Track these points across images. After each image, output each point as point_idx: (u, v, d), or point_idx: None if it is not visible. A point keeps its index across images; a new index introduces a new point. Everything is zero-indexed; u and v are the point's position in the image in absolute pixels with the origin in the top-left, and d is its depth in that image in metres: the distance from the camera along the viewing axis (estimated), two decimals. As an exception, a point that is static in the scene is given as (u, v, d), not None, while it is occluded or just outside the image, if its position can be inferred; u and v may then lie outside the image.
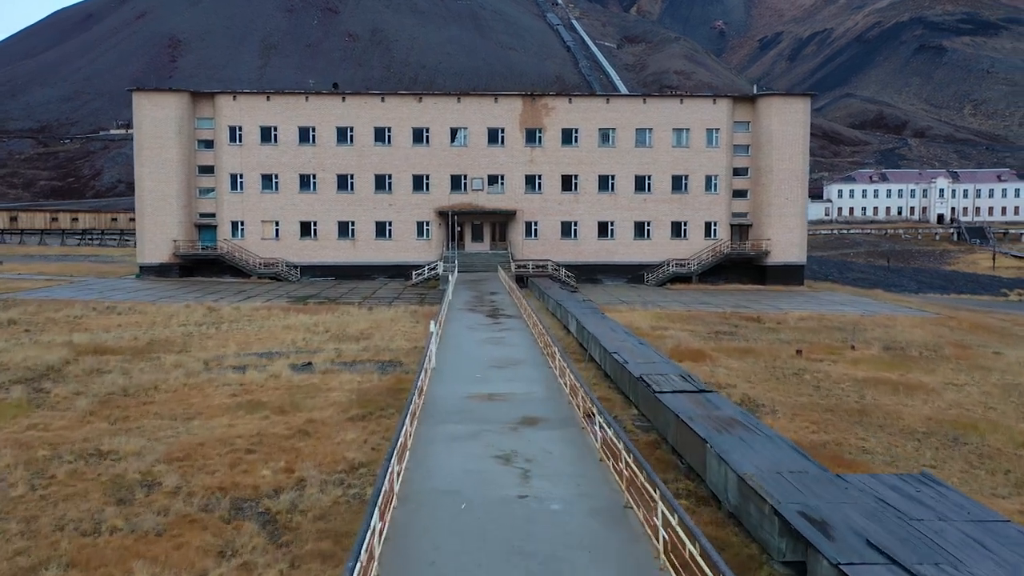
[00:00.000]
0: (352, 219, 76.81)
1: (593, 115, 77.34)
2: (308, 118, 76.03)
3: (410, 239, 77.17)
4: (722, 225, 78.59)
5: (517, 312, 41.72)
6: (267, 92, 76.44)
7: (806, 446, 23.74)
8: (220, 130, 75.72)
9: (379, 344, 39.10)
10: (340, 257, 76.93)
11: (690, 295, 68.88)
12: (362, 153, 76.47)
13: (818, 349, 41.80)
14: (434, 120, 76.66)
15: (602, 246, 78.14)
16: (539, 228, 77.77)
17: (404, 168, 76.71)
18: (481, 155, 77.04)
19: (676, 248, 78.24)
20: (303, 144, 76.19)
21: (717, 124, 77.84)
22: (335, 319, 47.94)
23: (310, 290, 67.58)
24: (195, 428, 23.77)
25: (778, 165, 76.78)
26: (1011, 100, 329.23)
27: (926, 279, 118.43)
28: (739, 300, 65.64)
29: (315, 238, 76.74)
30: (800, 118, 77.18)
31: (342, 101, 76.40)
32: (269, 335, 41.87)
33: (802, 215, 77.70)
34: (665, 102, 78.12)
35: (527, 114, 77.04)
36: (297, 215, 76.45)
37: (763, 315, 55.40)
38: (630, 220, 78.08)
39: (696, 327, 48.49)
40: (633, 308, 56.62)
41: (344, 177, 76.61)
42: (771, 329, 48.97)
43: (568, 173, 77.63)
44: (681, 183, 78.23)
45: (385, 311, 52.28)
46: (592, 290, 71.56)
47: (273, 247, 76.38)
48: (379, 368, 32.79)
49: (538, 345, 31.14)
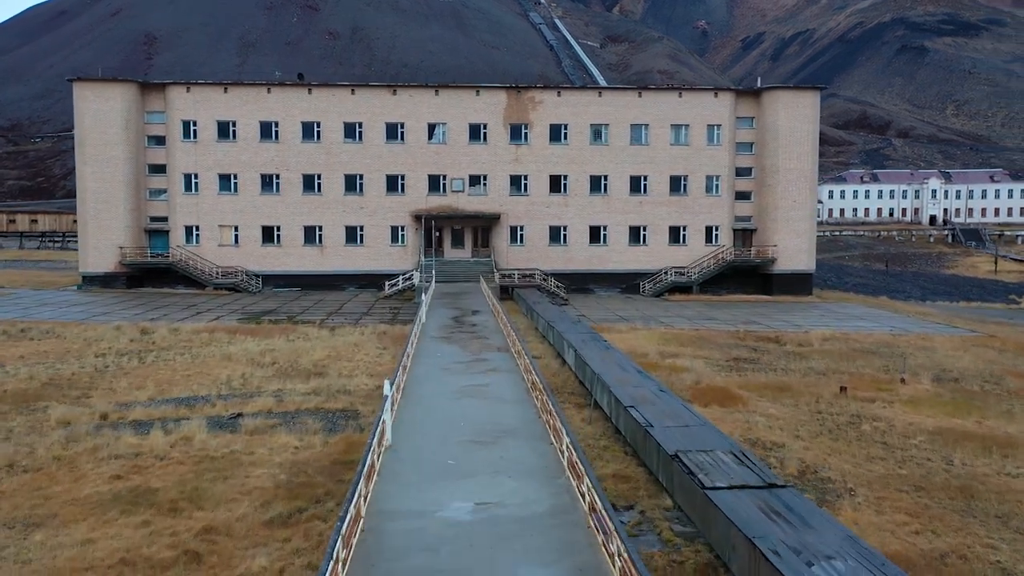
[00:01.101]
0: (319, 223, 68.82)
1: (584, 110, 69.77)
2: (270, 112, 67.97)
3: (384, 245, 69.28)
4: (724, 230, 71.24)
5: (504, 342, 34.02)
6: (224, 83, 68.29)
7: (920, 565, 16.36)
8: (172, 125, 67.48)
9: (334, 383, 31.31)
10: (306, 265, 68.93)
11: (692, 308, 61.48)
12: (330, 151, 68.49)
13: (862, 383, 34.46)
14: (410, 115, 68.81)
15: (594, 253, 70.58)
16: (525, 233, 70.11)
17: (377, 167, 68.82)
18: (462, 153, 69.29)
19: (674, 255, 70.83)
20: (265, 140, 68.11)
21: (719, 120, 70.47)
22: (288, 345, 40.05)
23: (270, 304, 59.55)
24: (30, 548, 15.92)
25: (785, 164, 69.52)
26: (993, 101, 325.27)
27: (928, 284, 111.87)
28: (748, 314, 58.33)
29: (278, 245, 68.68)
30: (809, 113, 69.97)
31: (308, 93, 68.37)
32: (201, 370, 33.96)
33: (811, 219, 70.51)
34: (662, 96, 70.68)
35: (512, 109, 69.36)
36: (258, 219, 68.38)
37: (781, 334, 48.07)
38: (624, 224, 70.56)
39: (710, 352, 41.05)
40: (634, 327, 49.08)
41: (310, 177, 68.62)
42: (797, 354, 41.62)
43: (557, 173, 70.03)
44: (680, 184, 70.81)
45: (349, 333, 44.44)
46: (584, 302, 64.02)
47: (232, 254, 68.24)
48: (327, 424, 25.04)
49: (532, 398, 23.47)
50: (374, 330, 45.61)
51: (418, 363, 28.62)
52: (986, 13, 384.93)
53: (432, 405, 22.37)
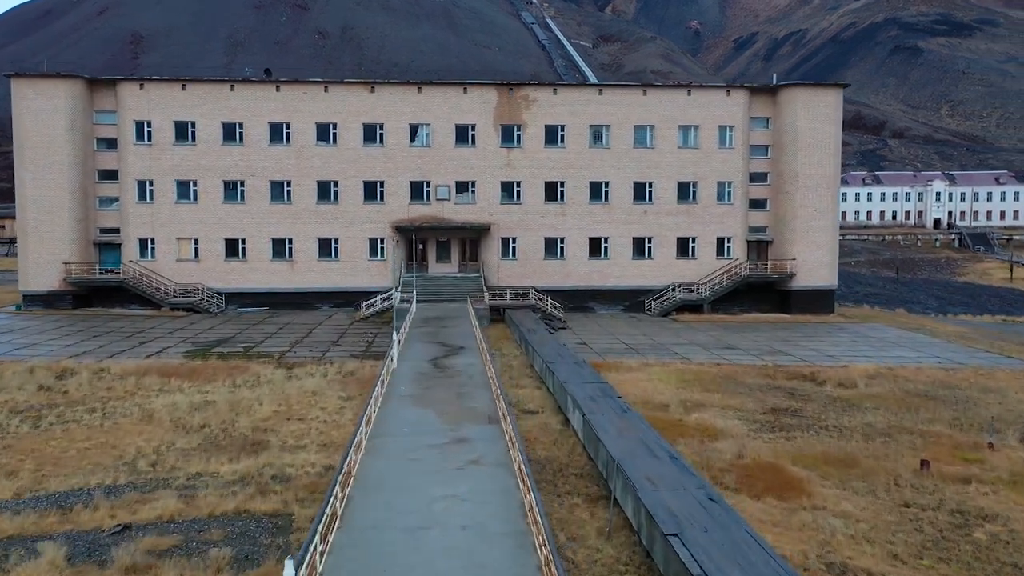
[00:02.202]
0: (289, 235, 61.11)
1: (583, 109, 62.22)
2: (234, 112, 60.20)
3: (361, 260, 61.61)
4: (737, 241, 63.81)
5: (493, 406, 26.34)
6: (182, 79, 60.44)
7: None
8: (124, 126, 59.66)
9: (272, 462, 23.71)
10: (275, 282, 61.21)
11: (706, 332, 54.03)
12: (301, 155, 60.78)
13: (942, 451, 27.11)
14: (390, 114, 61.14)
15: (594, 267, 63.06)
16: (518, 246, 62.53)
17: (353, 173, 61.14)
18: (447, 157, 61.67)
19: (682, 269, 63.36)
20: (228, 143, 60.36)
21: (731, 120, 63.01)
22: (230, 396, 32.38)
23: (229, 329, 51.81)
24: None
25: (804, 170, 62.13)
26: (987, 101, 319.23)
27: (943, 293, 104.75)
28: (769, 339, 50.92)
29: (244, 259, 60.94)
30: (830, 113, 62.57)
31: (276, 91, 60.60)
32: (107, 439, 26.31)
33: (833, 230, 63.12)
34: (669, 93, 63.15)
35: (503, 108, 61.77)
36: (221, 231, 60.62)
37: (816, 370, 40.65)
38: (628, 236, 63.06)
39: (742, 401, 33.58)
40: (645, 362, 41.53)
41: (279, 184, 60.89)
42: (843, 401, 34.21)
43: (553, 179, 62.46)
44: (688, 191, 63.36)
45: (310, 374, 36.79)
46: (584, 324, 56.50)
47: (192, 270, 60.49)
48: (242, 550, 17.46)
49: (530, 527, 15.86)
50: (340, 369, 37.96)
51: (375, 448, 20.97)
52: (979, 13, 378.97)
53: (381, 550, 14.74)
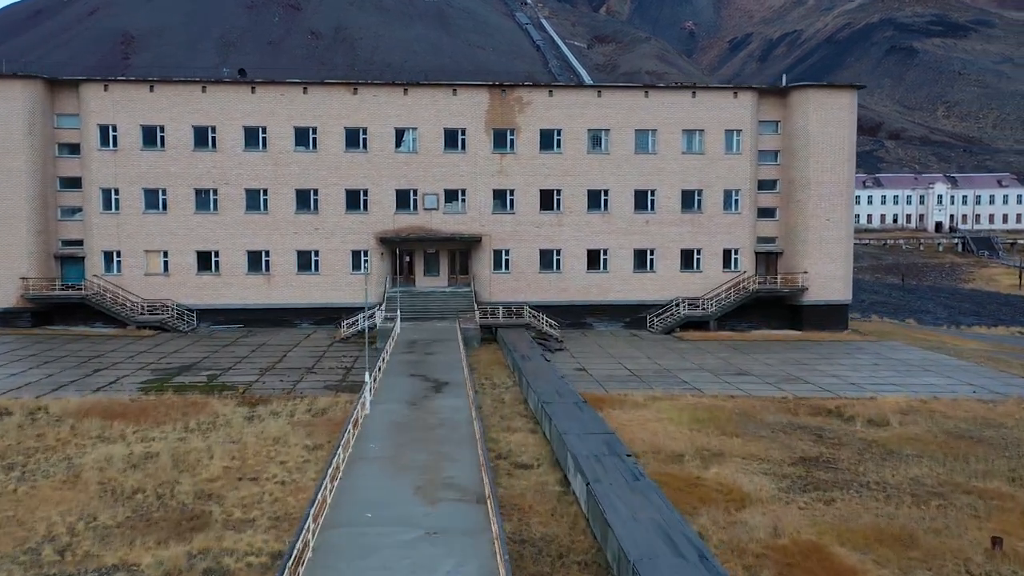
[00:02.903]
0: (266, 248, 56.54)
1: (581, 112, 57.75)
2: (207, 115, 55.59)
3: (343, 274, 57.07)
4: (745, 253, 59.42)
5: (478, 476, 21.82)
6: (150, 80, 55.79)
7: None
8: (88, 130, 55.02)
9: (211, 545, 19.28)
10: (251, 298, 56.64)
11: (714, 353, 49.63)
12: (279, 161, 56.21)
13: (1009, 519, 22.84)
14: (374, 118, 56.60)
15: (593, 281, 58.61)
16: (511, 258, 58.05)
17: (335, 181, 56.61)
18: (436, 164, 57.17)
19: (687, 283, 58.96)
20: (200, 149, 55.77)
21: (739, 124, 58.62)
22: (178, 444, 27.83)
23: (196, 352, 47.20)
24: None
25: (817, 177, 57.78)
26: (984, 102, 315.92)
27: (951, 302, 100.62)
28: (785, 363, 46.52)
29: (217, 273, 56.36)
30: (845, 116, 58.21)
31: (251, 92, 55.99)
32: (16, 511, 21.77)
33: (847, 241, 58.77)
34: (673, 95, 58.68)
35: (495, 111, 57.28)
36: (192, 243, 56.04)
37: (842, 403, 36.27)
38: (628, 247, 58.62)
39: (766, 448, 29.14)
40: (652, 394, 37.05)
41: (255, 192, 56.32)
42: (879, 447, 29.82)
43: (549, 187, 58.01)
44: (693, 200, 58.95)
45: (277, 412, 32.27)
46: (582, 344, 52.04)
47: (161, 285, 55.90)
48: None
49: None
50: (310, 406, 33.41)
51: (326, 548, 16.40)
52: (974, 14, 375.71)
53: None
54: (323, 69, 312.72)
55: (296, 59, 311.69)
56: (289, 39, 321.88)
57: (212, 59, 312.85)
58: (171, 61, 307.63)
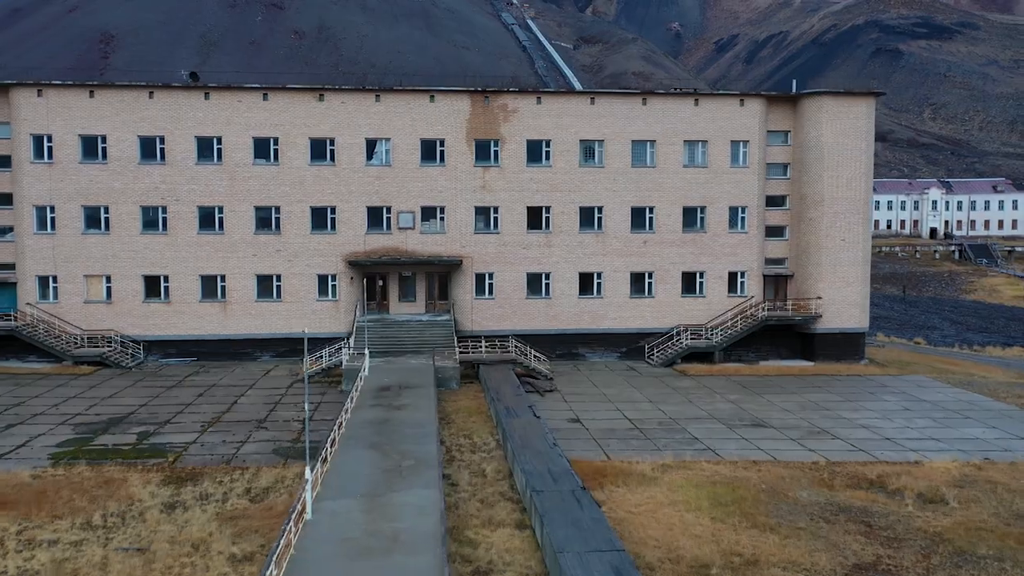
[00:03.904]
0: (222, 272, 50.14)
1: (572, 121, 51.68)
2: (154, 124, 49.13)
3: (308, 300, 50.77)
4: (752, 276, 53.57)
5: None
6: (90, 84, 49.20)
7: None
8: (19, 141, 48.41)
9: None
10: (205, 328, 50.24)
11: (723, 392, 43.70)
12: (236, 175, 49.83)
13: None
14: (343, 127, 50.30)
15: (585, 307, 52.59)
16: (496, 282, 51.94)
17: (299, 197, 50.29)
18: (411, 178, 50.96)
19: (689, 309, 53.05)
20: (147, 162, 49.31)
21: (745, 134, 52.74)
22: (67, 555, 21.58)
23: (134, 397, 40.73)
24: None
25: (831, 193, 52.00)
26: (969, 105, 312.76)
27: (956, 316, 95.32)
28: (804, 408, 40.62)
29: (166, 300, 49.92)
30: (862, 126, 52.47)
31: (205, 99, 49.54)
32: None
33: (864, 263, 53.02)
34: (673, 102, 52.67)
35: (478, 119, 51.10)
36: (138, 266, 49.58)
37: (883, 471, 30.41)
38: (624, 270, 52.63)
39: (810, 550, 23.14)
40: (661, 461, 30.95)
41: (209, 210, 49.91)
42: (946, 545, 23.89)
43: (536, 204, 51.91)
44: (696, 217, 53.05)
45: (207, 496, 26.01)
46: (574, 383, 45.95)
47: (103, 314, 49.39)
48: None
49: None
50: (250, 485, 27.14)
51: None
52: (959, 16, 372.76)
53: None
54: (306, 69, 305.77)
55: (279, 59, 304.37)
56: (272, 38, 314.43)
57: (193, 59, 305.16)
58: (151, 60, 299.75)
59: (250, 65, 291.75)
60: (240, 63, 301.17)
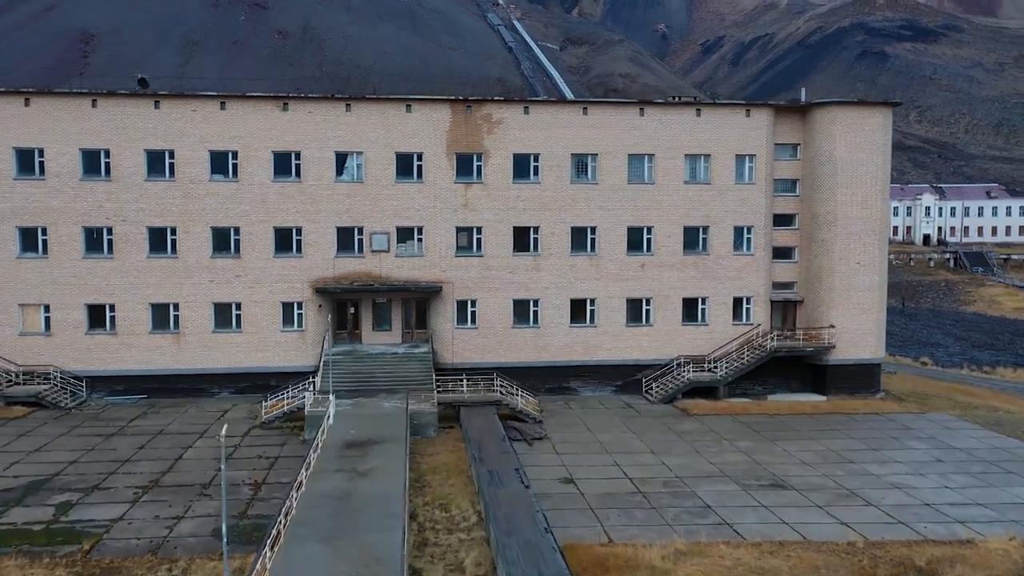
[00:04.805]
0: (175, 300, 44.75)
1: (563, 133, 46.61)
2: (99, 135, 43.67)
3: (272, 331, 45.46)
4: (759, 302, 48.71)
5: None
6: (25, 91, 43.64)
7: None
8: (-54, 155, 42.89)
9: None
10: (156, 362, 44.84)
11: (731, 436, 38.80)
12: (190, 193, 44.45)
13: None
14: (309, 139, 45.02)
15: (577, 337, 47.56)
16: (479, 310, 46.81)
17: (261, 216, 44.98)
18: (386, 196, 45.75)
19: (690, 339, 48.14)
20: (91, 178, 43.85)
21: (752, 147, 47.86)
22: None
23: (64, 450, 35.29)
24: None
25: (845, 211, 47.21)
26: (955, 107, 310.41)
27: (959, 330, 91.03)
28: (826, 459, 35.73)
29: (113, 331, 44.49)
30: (878, 139, 47.76)
31: (155, 108, 44.08)
32: None
33: (880, 288, 48.27)
34: (673, 113, 47.68)
35: (459, 131, 45.94)
36: (81, 294, 44.13)
37: (932, 553, 25.62)
38: (620, 296, 47.62)
39: None
40: (672, 544, 25.93)
41: (160, 232, 44.51)
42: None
43: (524, 224, 46.82)
44: (697, 238, 48.12)
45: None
46: (566, 423, 40.93)
47: (41, 347, 43.89)
48: None
49: None
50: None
51: None
52: (944, 19, 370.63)
53: None
54: (290, 70, 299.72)
55: (262, 59, 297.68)
56: (255, 38, 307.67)
57: (175, 58, 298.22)
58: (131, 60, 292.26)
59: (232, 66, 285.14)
60: (223, 63, 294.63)
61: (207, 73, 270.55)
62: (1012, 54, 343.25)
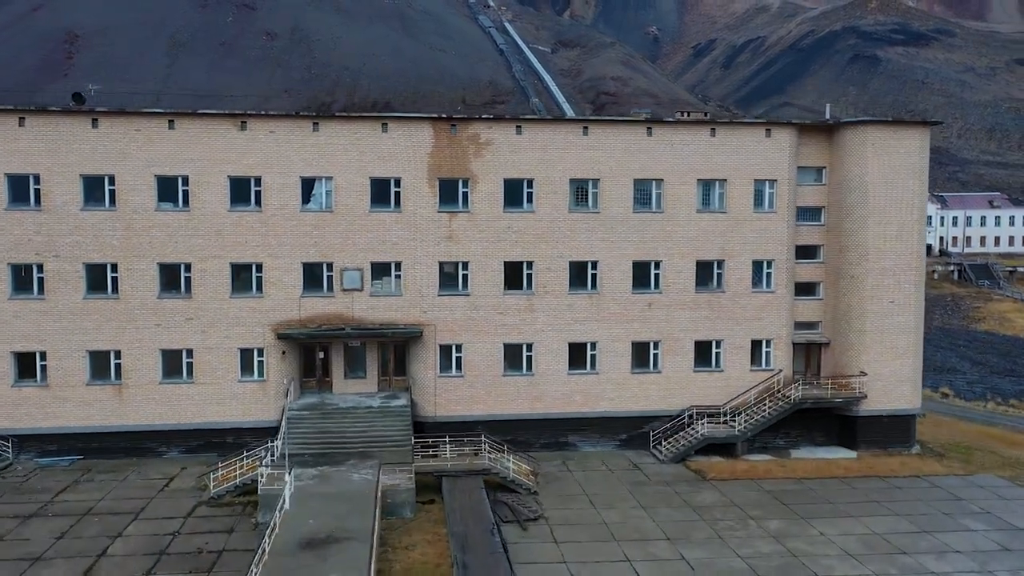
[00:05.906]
0: (116, 346, 38.60)
1: (561, 155, 40.68)
2: (27, 158, 37.49)
3: (228, 381, 39.37)
4: (780, 345, 42.88)
5: None
6: (-60, 108, 37.47)
7: None
8: None
9: None
10: (95, 417, 38.69)
11: (758, 513, 32.97)
12: (134, 224, 38.30)
13: None
14: (271, 163, 38.95)
15: (576, 386, 41.62)
16: (465, 356, 40.82)
17: (215, 251, 38.87)
18: (359, 227, 39.71)
19: (703, 386, 42.27)
20: (17, 207, 37.69)
21: (773, 171, 42.05)
22: None
23: (-33, 544, 29.23)
24: None
25: (878, 244, 41.45)
26: (948, 112, 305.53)
27: (973, 353, 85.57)
28: (871, 547, 29.94)
29: (44, 383, 38.33)
30: (915, 162, 41.99)
31: (93, 127, 37.91)
32: None
33: (917, 330, 42.51)
34: (684, 132, 41.78)
35: (443, 153, 39.95)
36: (6, 341, 37.93)
37: None
38: (626, 339, 41.72)
39: None
40: None
41: (99, 268, 38.36)
42: None
43: (516, 259, 40.84)
44: (711, 274, 42.27)
45: None
46: (565, 493, 35.01)
47: (-40, 403, 37.76)
48: None
49: None
50: None
51: None
52: (936, 23, 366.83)
53: None
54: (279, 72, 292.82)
55: (250, 61, 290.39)
56: (243, 39, 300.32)
57: (162, 60, 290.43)
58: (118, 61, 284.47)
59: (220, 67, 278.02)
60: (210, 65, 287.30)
61: (194, 75, 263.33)
62: (1003, 58, 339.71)
